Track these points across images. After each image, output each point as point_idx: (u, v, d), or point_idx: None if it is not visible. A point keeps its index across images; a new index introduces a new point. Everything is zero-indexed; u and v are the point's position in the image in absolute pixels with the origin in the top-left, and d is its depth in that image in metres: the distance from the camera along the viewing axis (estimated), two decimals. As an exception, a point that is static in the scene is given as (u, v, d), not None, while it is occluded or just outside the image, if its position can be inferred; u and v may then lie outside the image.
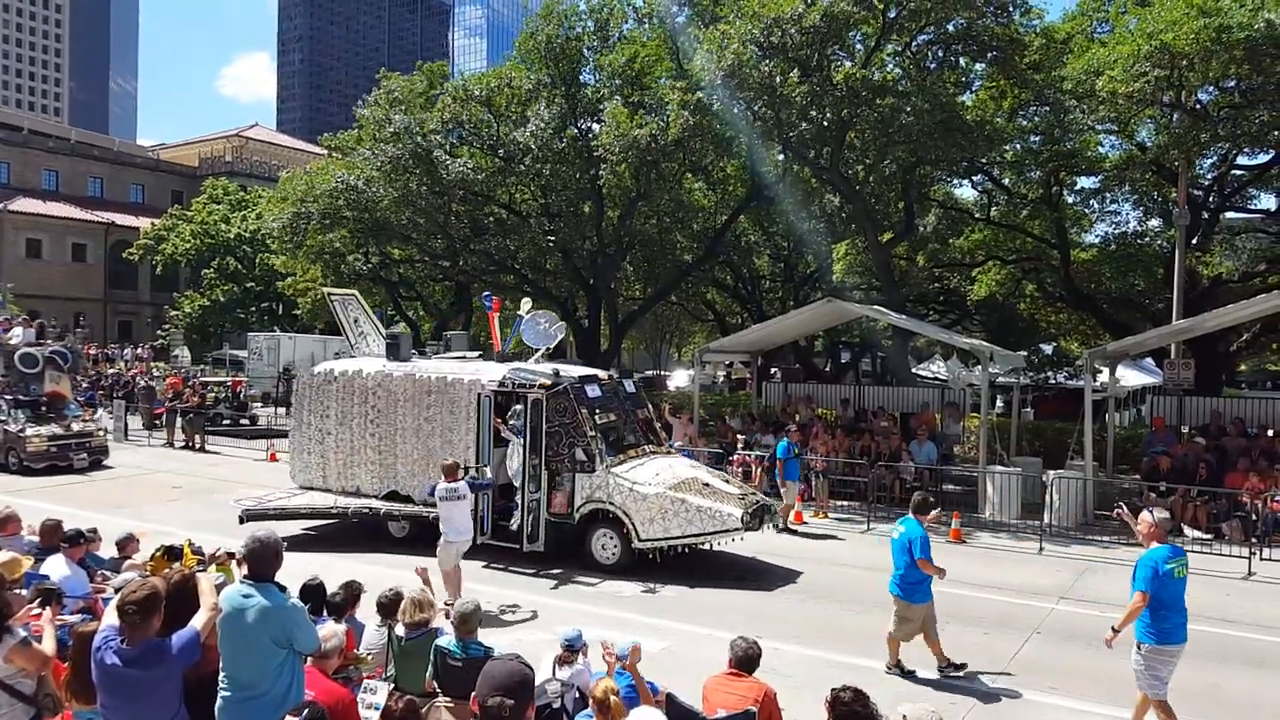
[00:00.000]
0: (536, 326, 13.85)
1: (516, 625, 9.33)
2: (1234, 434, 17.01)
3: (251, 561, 4.69)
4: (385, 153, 22.58)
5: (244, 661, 4.56)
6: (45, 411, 20.50)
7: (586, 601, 10.55)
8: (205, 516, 15.20)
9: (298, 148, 73.74)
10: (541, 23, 24.22)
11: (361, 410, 13.44)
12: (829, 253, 28.37)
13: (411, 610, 6.10)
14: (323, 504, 13.43)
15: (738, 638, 5.78)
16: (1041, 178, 22.99)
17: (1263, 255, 24.86)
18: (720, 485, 12.05)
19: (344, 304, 15.22)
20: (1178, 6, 16.00)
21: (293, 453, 14.30)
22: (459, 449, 12.40)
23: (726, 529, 11.24)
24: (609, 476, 11.68)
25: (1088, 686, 8.15)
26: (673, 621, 9.84)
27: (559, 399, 12.03)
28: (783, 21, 18.00)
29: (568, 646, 6.08)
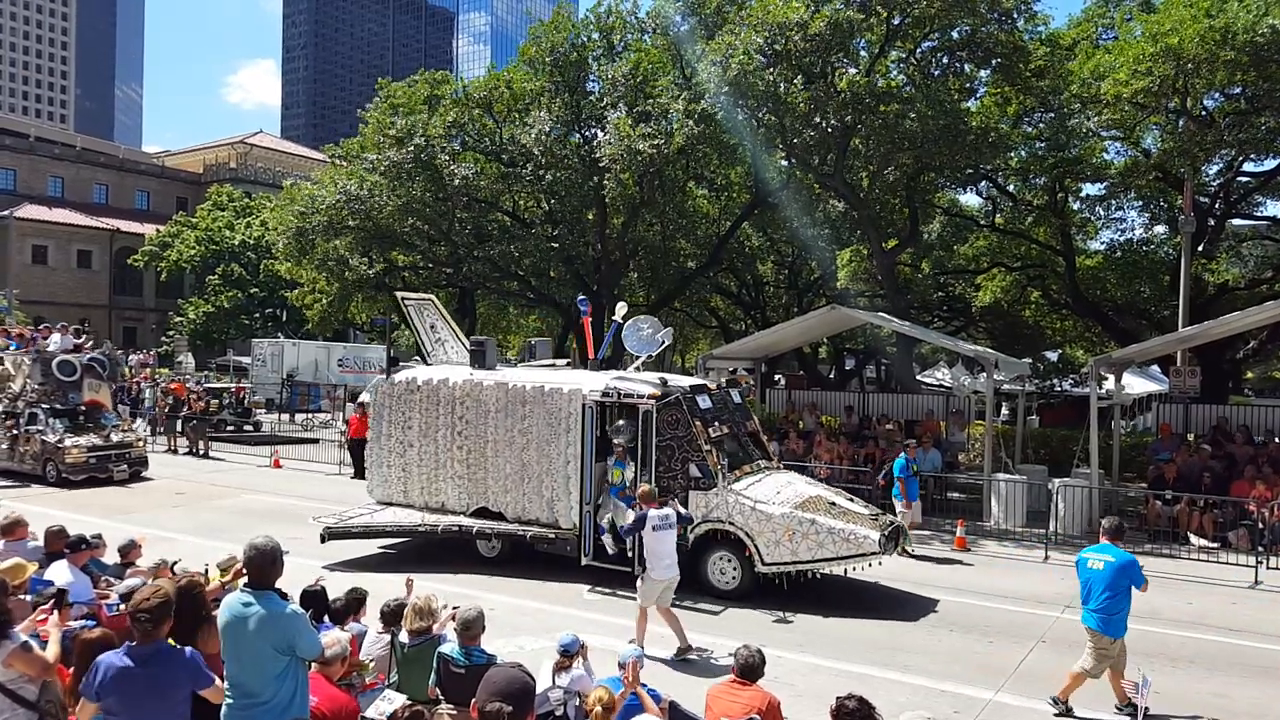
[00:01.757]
0: (639, 332, 12.90)
1: (520, 632, 9.29)
2: (1240, 442, 16.94)
3: (251, 569, 4.67)
4: (389, 158, 22.62)
5: (247, 669, 4.55)
6: (83, 421, 19.90)
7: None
8: (207, 522, 15.22)
9: (302, 154, 73.97)
10: (547, 31, 24.29)
11: (448, 421, 12.63)
12: (833, 259, 28.36)
13: (414, 617, 6.09)
14: (409, 521, 12.58)
15: (741, 646, 5.75)
16: (1046, 184, 22.96)
17: (1269, 262, 24.83)
18: (847, 504, 11.24)
19: (419, 309, 14.40)
20: (1183, 10, 15.99)
21: (370, 466, 13.44)
22: (557, 463, 11.71)
23: (862, 553, 10.32)
24: (729, 495, 10.79)
25: (1092, 696, 8.09)
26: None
27: (670, 410, 11.21)
28: (787, 28, 18.04)
29: (564, 652, 6.06)
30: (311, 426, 31.33)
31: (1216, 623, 10.37)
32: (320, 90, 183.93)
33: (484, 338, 13.60)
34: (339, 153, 28.35)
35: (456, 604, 6.43)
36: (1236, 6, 15.09)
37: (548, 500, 11.81)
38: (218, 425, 27.27)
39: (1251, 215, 25.47)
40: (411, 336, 38.24)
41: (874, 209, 22.74)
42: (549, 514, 11.82)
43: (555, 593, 11.10)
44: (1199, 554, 13.84)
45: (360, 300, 30.22)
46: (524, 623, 9.74)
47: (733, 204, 27.45)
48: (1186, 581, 12.27)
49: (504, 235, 24.72)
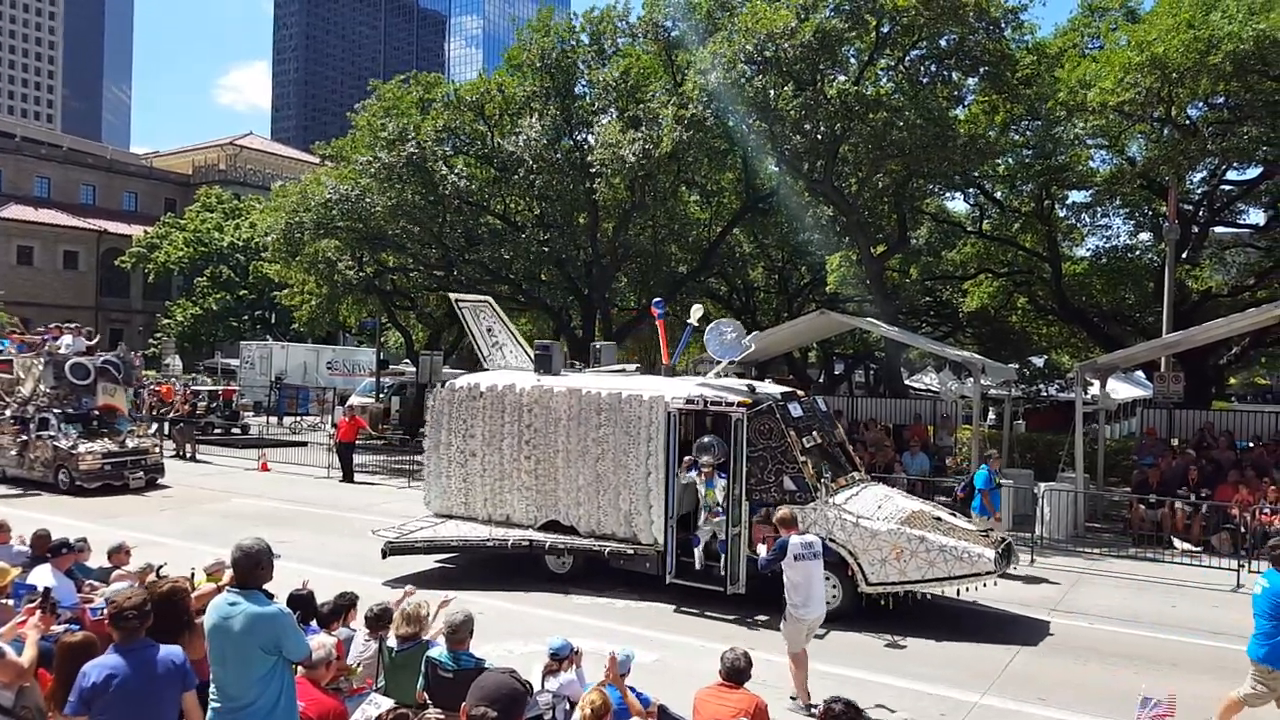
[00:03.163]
0: (721, 336, 12.05)
1: (508, 637, 9.31)
2: (1224, 446, 17.11)
3: (238, 570, 4.67)
4: (381, 159, 22.59)
5: (232, 671, 4.55)
6: (98, 426, 19.28)
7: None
8: (195, 526, 15.17)
9: (293, 156, 73.75)
10: (535, 35, 24.32)
11: (514, 430, 11.97)
12: (822, 264, 28.46)
13: (402, 623, 6.11)
14: (475, 535, 11.97)
15: (728, 649, 5.79)
16: (1033, 191, 23.13)
17: (1251, 269, 25.04)
18: (952, 519, 10.72)
19: (475, 311, 13.73)
20: (1167, 20, 16.17)
21: (429, 477, 12.82)
22: (636, 475, 11.10)
23: (977, 572, 9.70)
24: (828, 509, 10.19)
25: (1077, 698, 8.17)
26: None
27: (762, 419, 10.60)
28: (776, 36, 18.14)
29: (554, 656, 6.08)
30: (300, 429, 31.23)
31: (1201, 626, 10.47)
32: (311, 92, 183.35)
33: (550, 341, 12.93)
34: (328, 152, 28.25)
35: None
36: (1219, 17, 15.26)
37: (625, 514, 11.22)
38: (205, 428, 27.17)
39: (1234, 223, 25.71)
40: (399, 339, 38.37)
41: (863, 215, 22.85)
42: (626, 528, 11.23)
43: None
44: (1181, 558, 13.97)
45: (350, 302, 30.13)
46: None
47: (724, 209, 27.52)
48: (1170, 585, 12.38)
49: (495, 238, 24.72)
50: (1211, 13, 15.48)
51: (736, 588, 10.55)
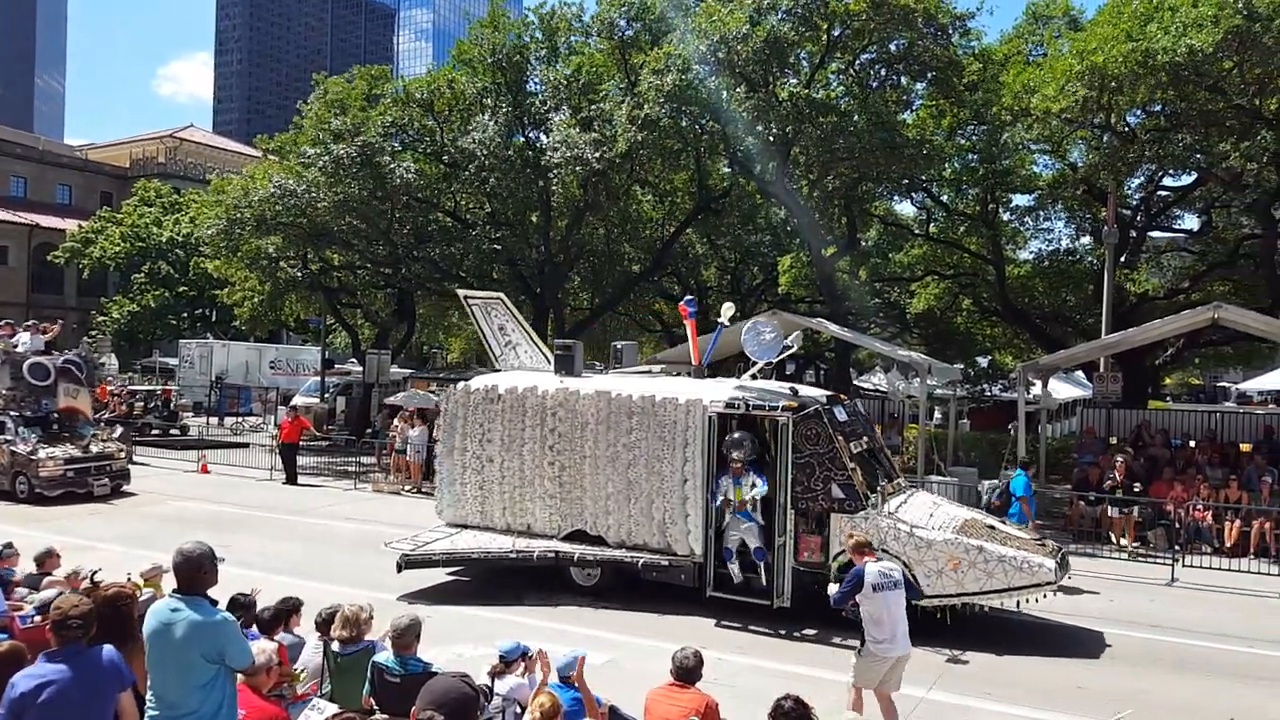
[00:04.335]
0: (759, 336, 11.47)
1: (458, 640, 9.17)
2: (1159, 445, 17.63)
3: (179, 575, 4.52)
4: (329, 152, 22.12)
5: (173, 680, 4.40)
6: (59, 430, 18.00)
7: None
8: (131, 530, 14.71)
9: (235, 150, 72.09)
10: (486, 30, 24.09)
11: (537, 434, 11.33)
12: (774, 265, 28.70)
13: (349, 625, 5.96)
14: (496, 547, 11.28)
15: (679, 649, 5.76)
16: (978, 195, 23.61)
17: (1186, 273, 25.86)
18: (1004, 528, 10.39)
19: (486, 309, 13.07)
20: (1107, 30, 16.61)
21: (441, 484, 12.14)
22: (671, 482, 10.55)
23: (1037, 583, 9.25)
24: (880, 518, 9.73)
25: (1020, 693, 8.33)
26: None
27: (809, 423, 10.09)
28: (729, 39, 18.24)
29: (503, 658, 6.00)
30: (241, 431, 30.51)
31: (1137, 619, 10.74)
32: (255, 85, 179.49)
33: (572, 341, 12.22)
34: (272, 146, 27.62)
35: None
36: (1156, 29, 15.73)
37: (659, 523, 10.67)
38: (142, 429, 26.38)
39: (1170, 228, 26.55)
40: (344, 338, 37.72)
41: (814, 217, 23.09)
42: (660, 538, 10.67)
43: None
44: (1118, 553, 14.35)
45: (294, 300, 29.54)
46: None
47: (677, 209, 27.58)
48: (1107, 580, 12.69)
49: (445, 236, 24.42)
50: (1149, 24, 15.94)
51: (782, 601, 10.06)
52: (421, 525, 15.67)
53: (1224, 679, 8.91)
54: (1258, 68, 15.46)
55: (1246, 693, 8.56)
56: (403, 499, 19.02)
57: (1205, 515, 14.66)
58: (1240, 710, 8.02)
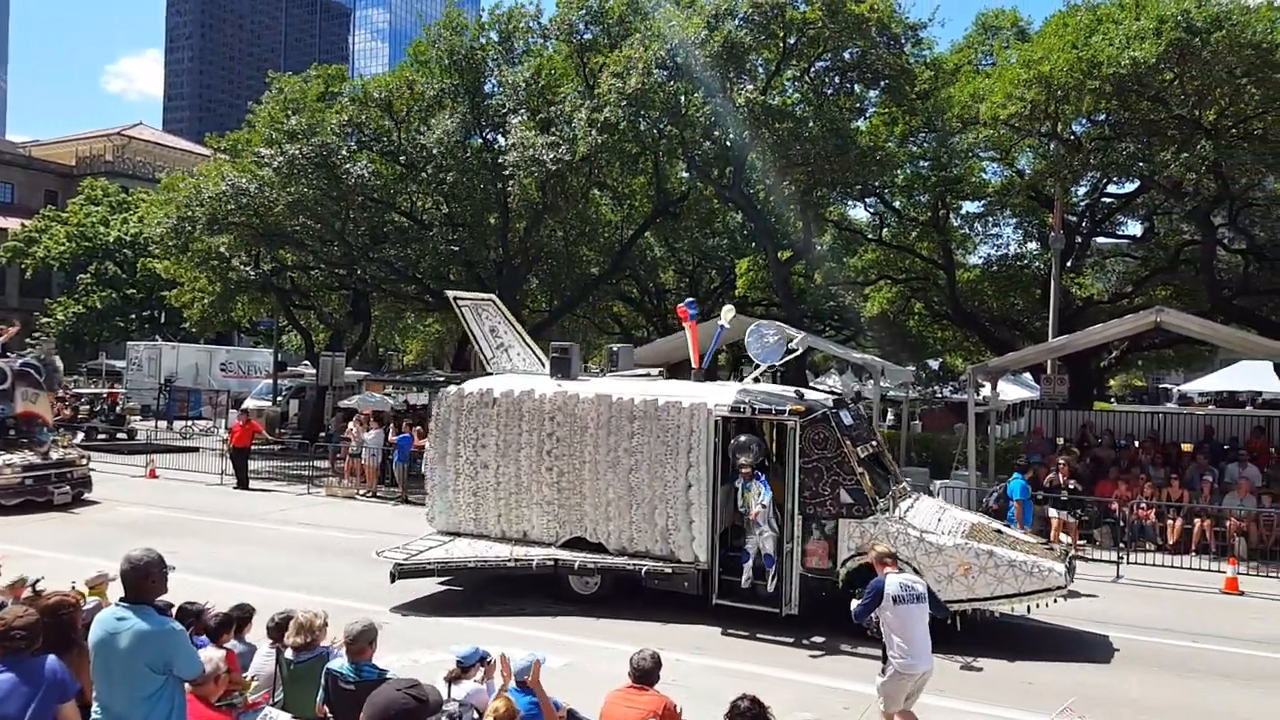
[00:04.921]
0: (762, 338, 11.30)
1: (414, 645, 9.11)
2: (1105, 445, 18.09)
3: (126, 583, 4.44)
4: (283, 153, 21.79)
5: (119, 690, 4.32)
6: (16, 436, 17.26)
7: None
8: (76, 537, 14.35)
9: (185, 149, 70.62)
10: (443, 31, 23.94)
11: (534, 439, 11.07)
12: (732, 268, 28.90)
13: (302, 632, 5.90)
14: (493, 555, 10.97)
15: (636, 651, 5.79)
16: (929, 201, 24.02)
17: (1130, 278, 26.56)
18: (1012, 532, 10.38)
19: (477, 310, 12.72)
20: (1054, 40, 17.04)
21: (432, 490, 11.77)
22: (674, 488, 10.34)
23: (1048, 587, 9.26)
24: (890, 524, 9.63)
25: (971, 688, 8.51)
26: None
27: (817, 427, 9.94)
28: (687, 44, 18.37)
29: (460, 664, 5.97)
30: (191, 434, 29.92)
31: (1082, 616, 11.00)
32: (207, 83, 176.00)
33: (568, 344, 11.98)
34: (224, 145, 27.13)
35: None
36: (1101, 40, 16.17)
37: (661, 529, 10.46)
38: (89, 433, 25.74)
39: (1114, 234, 27.26)
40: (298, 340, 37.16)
41: (769, 221, 23.33)
42: (663, 545, 10.47)
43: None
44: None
45: (245, 301, 29.04)
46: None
47: (635, 212, 27.65)
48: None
49: (401, 236, 24.19)
50: (1094, 35, 16.39)
51: (790, 608, 9.92)
52: (378, 530, 15.63)
53: (1169, 673, 9.19)
54: (1197, 80, 15.97)
55: (1193, 686, 8.83)
56: (358, 503, 18.80)
57: (1149, 514, 15.06)
58: (1184, 704, 8.29)
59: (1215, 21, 15.33)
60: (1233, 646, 9.89)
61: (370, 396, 28.87)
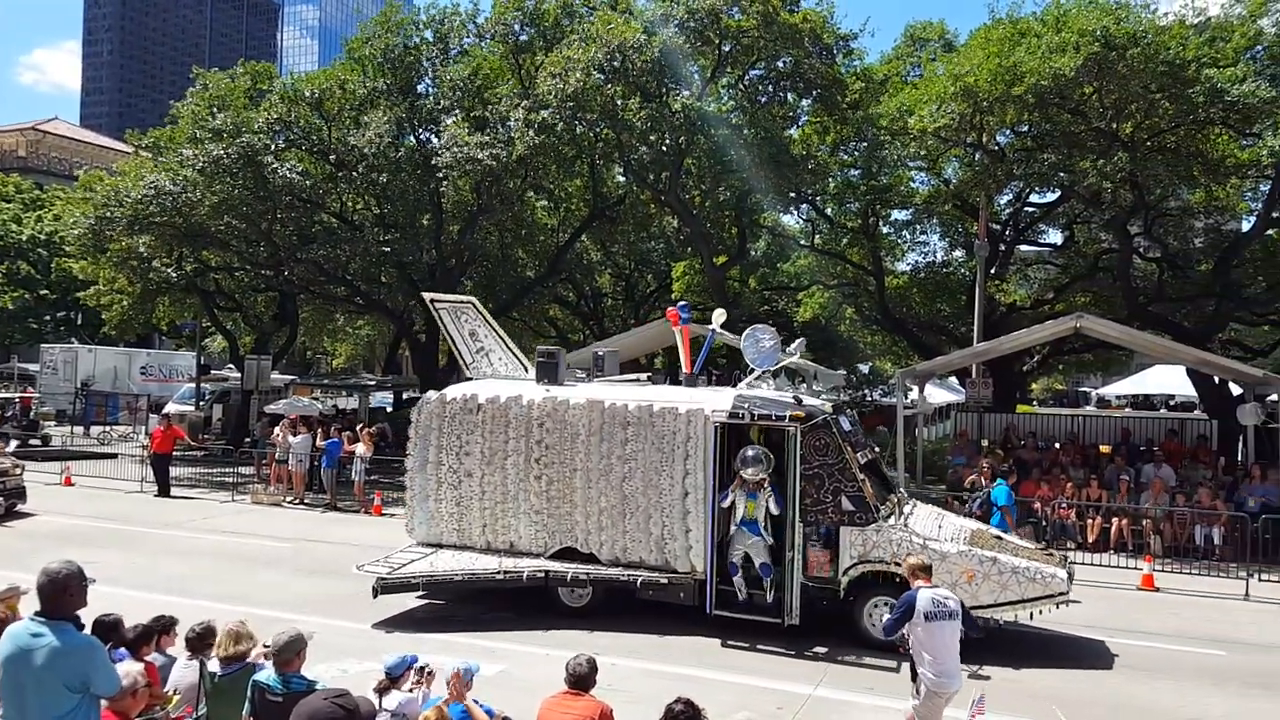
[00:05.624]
0: (758, 343, 11.09)
1: (343, 655, 8.91)
2: (1028, 447, 18.68)
3: (42, 597, 4.24)
4: (208, 152, 21.13)
5: (31, 709, 4.11)
6: None
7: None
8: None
9: (104, 145, 68.11)
10: (377, 29, 23.56)
11: (521, 447, 10.74)
12: (668, 273, 29.04)
13: (228, 643, 5.71)
14: (481, 567, 10.54)
15: (572, 656, 5.77)
16: (860, 209, 24.53)
17: (1051, 284, 27.51)
18: (1011, 539, 10.33)
19: (455, 313, 12.23)
20: (979, 55, 17.56)
21: (412, 500, 11.34)
22: (670, 496, 10.11)
23: (1050, 594, 9.20)
24: (893, 532, 9.50)
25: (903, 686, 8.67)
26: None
27: (818, 434, 9.76)
28: (625, 48, 18.42)
29: (388, 674, 5.86)
30: (109, 440, 28.82)
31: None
32: (127, 77, 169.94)
33: (554, 348, 11.66)
34: (145, 142, 26.21)
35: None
36: (1023, 53, 16.73)
37: (657, 539, 10.22)
38: None
39: (1036, 242, 28.21)
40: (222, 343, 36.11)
41: (705, 227, 23.52)
42: (658, 555, 10.22)
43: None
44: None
45: (167, 303, 28.11)
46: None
47: (572, 215, 27.60)
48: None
49: (330, 237, 23.70)
50: (1017, 48, 16.93)
51: (792, 618, 9.72)
52: (306, 538, 15.28)
53: (1089, 667, 9.50)
54: (1114, 93, 16.63)
55: (1113, 680, 9.14)
56: (285, 511, 18.34)
57: (1069, 513, 15.58)
58: (1105, 698, 8.58)
59: (1131, 38, 15.97)
60: (1151, 641, 10.27)
61: (298, 401, 28.24)
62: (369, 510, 18.06)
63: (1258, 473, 15.52)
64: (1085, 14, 16.82)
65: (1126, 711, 8.37)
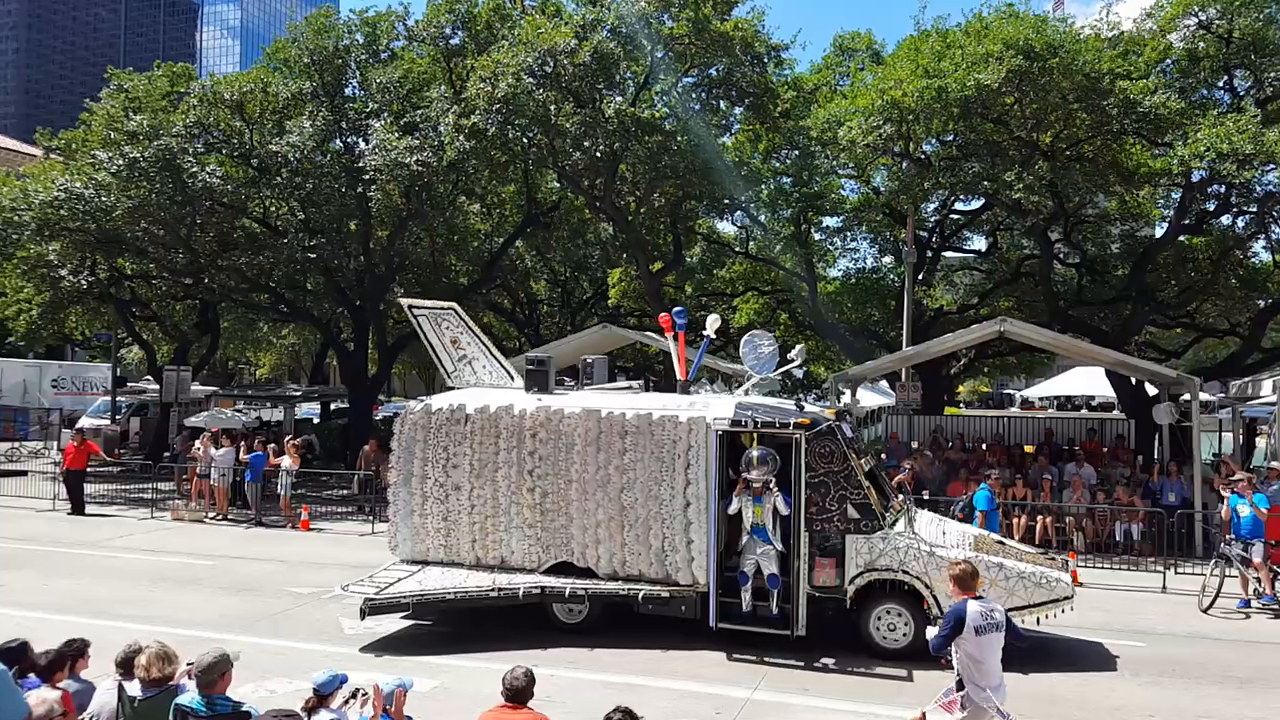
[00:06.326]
0: (757, 349, 10.98)
1: (271, 674, 8.59)
2: (955, 448, 19.12)
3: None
4: (124, 155, 20.29)
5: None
6: None
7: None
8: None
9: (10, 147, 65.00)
10: (305, 30, 23.01)
11: (514, 458, 10.41)
12: (604, 279, 28.99)
13: (152, 665, 5.42)
14: (473, 585, 10.15)
15: (509, 670, 5.63)
16: (792, 216, 24.85)
17: (976, 290, 28.26)
18: (1012, 544, 10.31)
19: (435, 320, 11.72)
20: (906, 67, 17.96)
21: (395, 516, 10.88)
22: (671, 506, 9.88)
23: (1056, 598, 9.22)
24: (899, 539, 9.44)
25: (838, 688, 8.74)
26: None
27: (823, 441, 9.62)
28: (556, 53, 18.32)
29: (317, 692, 5.65)
30: (19, 457, 27.49)
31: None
32: (35, 76, 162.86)
33: (544, 355, 11.35)
34: (56, 145, 25.08)
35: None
36: (948, 64, 17.16)
37: (657, 551, 9.96)
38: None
39: (961, 248, 28.98)
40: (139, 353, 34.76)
41: (640, 233, 23.54)
42: (659, 568, 9.97)
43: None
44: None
45: (79, 313, 26.94)
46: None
47: (506, 221, 27.34)
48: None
49: (253, 244, 23.01)
50: (943, 60, 17.37)
51: (799, 629, 9.58)
52: (232, 556, 14.77)
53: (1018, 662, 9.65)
54: (1035, 104, 17.17)
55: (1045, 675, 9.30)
56: (207, 527, 17.71)
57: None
58: (1034, 692, 8.76)
59: (1051, 50, 16.51)
60: (1077, 634, 10.53)
61: (220, 413, 27.41)
62: (296, 525, 17.55)
63: (1173, 470, 16.14)
64: (1007, 26, 17.34)
65: (1060, 704, 8.55)
